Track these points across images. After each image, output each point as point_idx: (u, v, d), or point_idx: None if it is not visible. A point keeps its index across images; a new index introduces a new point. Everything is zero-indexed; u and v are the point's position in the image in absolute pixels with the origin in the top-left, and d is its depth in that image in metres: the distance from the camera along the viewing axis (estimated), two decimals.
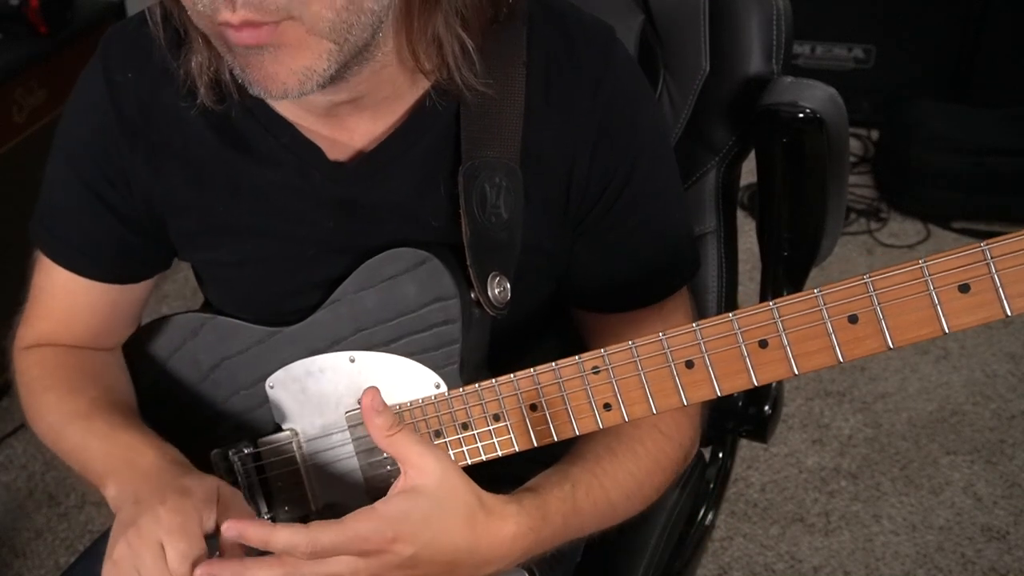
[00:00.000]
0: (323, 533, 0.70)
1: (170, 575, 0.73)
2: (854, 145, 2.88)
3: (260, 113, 0.83)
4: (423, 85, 0.81)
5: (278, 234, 0.86)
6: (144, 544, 0.74)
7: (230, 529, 0.72)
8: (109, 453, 0.84)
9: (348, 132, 0.82)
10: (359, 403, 0.83)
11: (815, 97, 0.98)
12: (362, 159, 0.83)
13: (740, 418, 1.12)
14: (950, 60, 2.86)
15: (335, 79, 0.72)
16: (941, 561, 1.74)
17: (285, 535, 0.70)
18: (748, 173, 1.08)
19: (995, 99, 2.72)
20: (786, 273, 1.08)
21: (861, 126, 2.93)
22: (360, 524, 0.71)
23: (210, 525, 0.76)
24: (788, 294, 1.07)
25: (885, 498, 1.87)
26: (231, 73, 0.75)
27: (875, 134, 2.91)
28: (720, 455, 1.17)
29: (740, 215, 1.13)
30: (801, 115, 0.96)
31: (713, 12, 1.03)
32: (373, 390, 0.74)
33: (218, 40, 0.72)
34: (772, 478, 1.92)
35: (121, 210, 0.89)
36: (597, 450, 0.81)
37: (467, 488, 0.74)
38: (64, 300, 0.94)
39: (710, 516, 1.14)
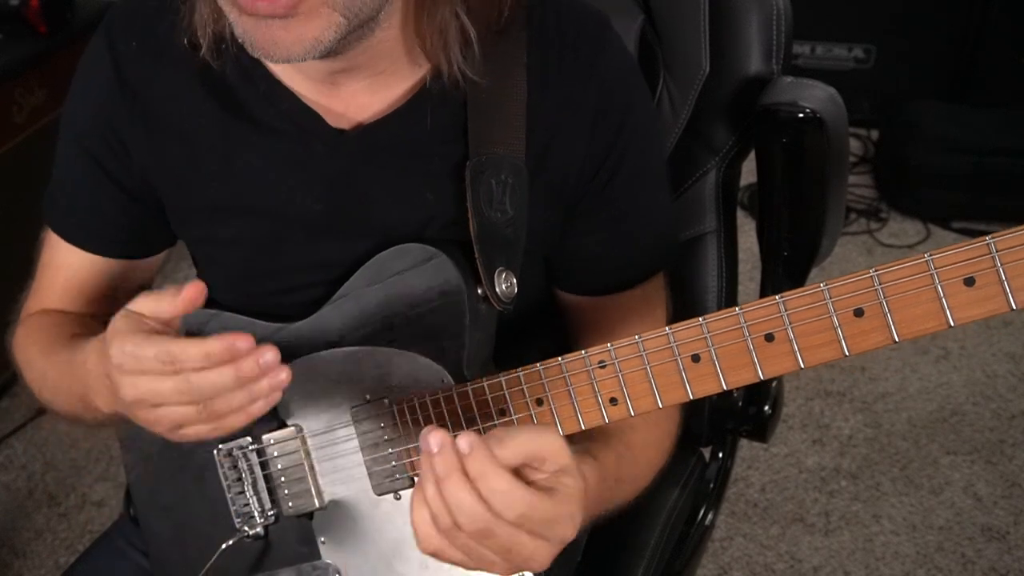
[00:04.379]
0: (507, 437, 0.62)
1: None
2: (854, 145, 2.88)
3: (260, 80, 0.83)
4: (423, 67, 0.81)
5: (267, 212, 0.86)
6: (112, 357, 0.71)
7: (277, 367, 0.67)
8: (73, 375, 0.82)
9: (344, 102, 0.83)
10: (366, 398, 0.83)
11: (815, 97, 0.98)
12: (362, 131, 0.83)
13: (740, 418, 1.12)
14: (950, 60, 2.86)
15: (333, 50, 0.73)
16: (941, 561, 1.75)
17: None
18: (748, 173, 1.08)
19: (995, 99, 2.73)
20: (786, 273, 1.08)
21: (861, 126, 2.93)
22: (540, 436, 0.63)
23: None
24: None
25: (885, 498, 1.87)
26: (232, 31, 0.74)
27: (875, 134, 2.91)
28: (720, 455, 1.17)
29: (740, 215, 1.13)
30: (801, 115, 0.96)
31: (713, 12, 1.03)
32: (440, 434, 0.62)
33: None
34: (772, 478, 1.92)
35: (124, 182, 0.89)
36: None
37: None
38: (67, 275, 0.94)
39: (710, 516, 1.14)
